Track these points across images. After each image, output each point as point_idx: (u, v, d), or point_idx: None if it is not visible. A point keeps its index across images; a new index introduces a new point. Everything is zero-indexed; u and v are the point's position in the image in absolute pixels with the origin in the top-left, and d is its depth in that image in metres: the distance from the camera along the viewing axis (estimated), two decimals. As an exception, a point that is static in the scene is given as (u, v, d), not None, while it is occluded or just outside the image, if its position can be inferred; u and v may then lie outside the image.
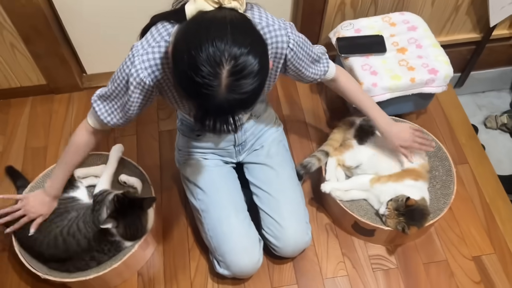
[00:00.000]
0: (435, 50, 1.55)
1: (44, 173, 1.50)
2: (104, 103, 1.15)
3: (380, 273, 1.43)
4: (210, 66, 0.81)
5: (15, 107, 1.84)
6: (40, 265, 1.33)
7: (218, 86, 0.83)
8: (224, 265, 1.32)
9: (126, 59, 1.06)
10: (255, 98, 0.90)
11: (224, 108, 0.86)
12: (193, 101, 0.89)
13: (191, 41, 0.84)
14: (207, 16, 0.89)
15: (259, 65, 0.85)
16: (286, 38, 1.09)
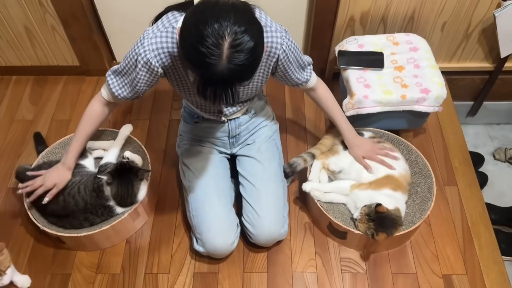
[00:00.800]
0: (432, 71, 1.61)
1: (61, 141, 1.69)
2: (116, 77, 1.31)
3: (348, 275, 1.49)
4: (214, 38, 0.95)
5: (50, 83, 2.07)
6: (42, 219, 1.50)
7: (220, 56, 0.96)
8: (201, 243, 1.44)
9: (137, 40, 1.21)
10: (250, 72, 1.03)
11: (224, 76, 0.98)
12: (197, 71, 1.01)
13: (198, 18, 0.98)
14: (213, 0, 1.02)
15: (254, 43, 0.98)
16: (281, 40, 1.22)
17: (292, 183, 1.71)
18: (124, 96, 1.33)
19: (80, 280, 1.49)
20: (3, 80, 2.08)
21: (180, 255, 1.54)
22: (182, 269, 1.51)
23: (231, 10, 0.98)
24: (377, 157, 1.51)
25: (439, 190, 1.67)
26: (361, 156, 1.51)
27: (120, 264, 1.52)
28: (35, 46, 1.94)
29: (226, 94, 1.03)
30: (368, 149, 1.52)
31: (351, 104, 1.58)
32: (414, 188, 1.57)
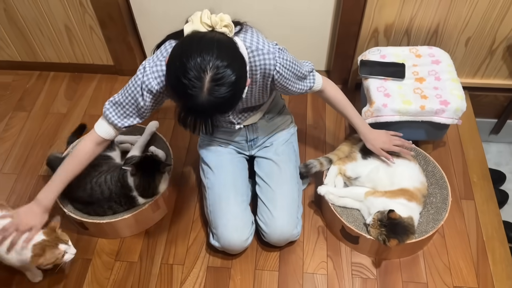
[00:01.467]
0: (452, 84, 1.63)
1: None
2: (117, 109, 1.32)
3: (358, 280, 1.51)
4: (196, 71, 1.01)
5: (85, 80, 2.18)
6: (68, 205, 1.59)
7: (201, 89, 1.01)
8: (216, 238, 1.49)
9: (138, 72, 1.26)
10: (230, 105, 1.09)
11: (204, 108, 1.04)
12: (179, 101, 1.07)
13: (183, 51, 1.04)
14: (199, 34, 1.10)
15: (236, 77, 1.03)
16: (273, 62, 1.25)
17: (308, 187, 1.74)
18: (129, 124, 1.34)
19: (99, 265, 1.56)
20: (41, 75, 2.21)
21: (195, 248, 1.60)
22: (197, 262, 1.56)
23: (215, 45, 1.04)
24: (395, 147, 1.52)
25: (455, 203, 1.67)
26: (379, 148, 1.51)
27: (138, 253, 1.59)
28: (73, 44, 2.06)
29: (206, 124, 1.10)
30: (385, 140, 1.52)
31: (370, 112, 1.62)
32: (430, 198, 1.58)
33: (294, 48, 2.02)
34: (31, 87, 2.16)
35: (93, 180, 1.55)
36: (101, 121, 1.36)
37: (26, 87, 2.17)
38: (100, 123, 1.36)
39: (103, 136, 1.36)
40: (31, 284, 1.52)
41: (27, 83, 2.18)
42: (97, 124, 1.36)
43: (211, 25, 1.11)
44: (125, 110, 1.31)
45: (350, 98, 1.53)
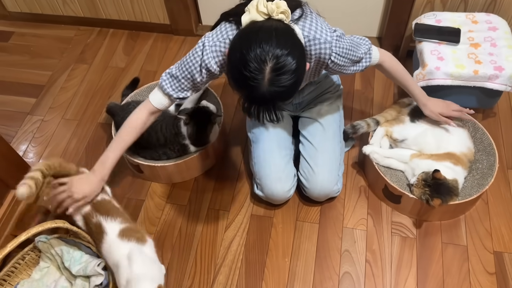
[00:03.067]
0: (509, 50, 1.60)
1: (148, 85, 1.89)
2: (173, 82, 1.32)
3: (397, 238, 1.55)
4: (257, 62, 1.01)
5: (142, 38, 2.28)
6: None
7: (262, 80, 1.01)
8: (260, 188, 1.57)
9: (196, 48, 1.26)
10: (292, 92, 1.08)
11: (266, 98, 1.05)
12: (241, 92, 1.08)
13: (243, 43, 1.05)
14: (257, 24, 1.09)
15: (296, 65, 1.03)
16: (329, 51, 1.25)
17: (352, 149, 1.78)
18: (183, 97, 1.35)
19: (152, 206, 1.68)
20: (101, 32, 2.33)
21: (240, 197, 1.68)
22: (241, 209, 1.65)
23: (273, 34, 1.03)
24: (454, 112, 1.51)
25: (501, 171, 1.67)
26: (438, 113, 1.51)
27: (187, 197, 1.69)
28: (133, 2, 2.15)
29: (269, 113, 1.11)
30: (443, 105, 1.52)
31: (422, 75, 1.62)
32: (476, 164, 1.58)
33: (346, 14, 2.03)
34: (92, 42, 2.29)
35: (150, 127, 1.65)
36: (156, 91, 1.36)
37: (87, 42, 2.29)
38: (155, 93, 1.36)
39: (157, 106, 1.36)
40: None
41: (88, 38, 2.31)
42: (152, 94, 1.36)
43: (267, 13, 1.10)
44: (180, 83, 1.32)
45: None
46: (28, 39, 2.33)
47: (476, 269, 1.47)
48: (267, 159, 1.55)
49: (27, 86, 2.11)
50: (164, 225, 1.62)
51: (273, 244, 1.56)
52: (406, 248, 1.52)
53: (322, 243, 1.55)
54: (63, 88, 2.10)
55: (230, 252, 1.55)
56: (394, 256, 1.51)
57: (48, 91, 2.09)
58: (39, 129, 1.95)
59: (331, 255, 1.52)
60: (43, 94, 2.07)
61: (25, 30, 2.36)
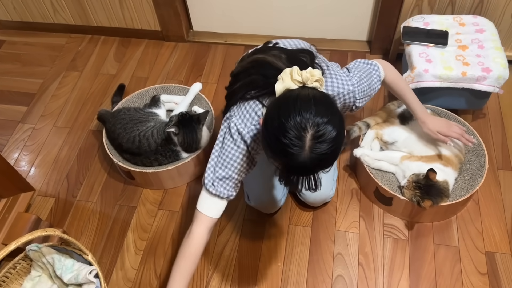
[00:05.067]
0: (496, 52, 1.61)
1: (139, 92, 1.89)
2: (226, 182, 1.21)
3: (390, 240, 1.55)
4: (297, 130, 0.96)
5: (133, 45, 2.29)
6: (117, 155, 1.70)
7: (302, 147, 0.96)
8: (251, 198, 1.58)
9: (233, 139, 1.18)
10: (333, 160, 1.04)
11: (307, 166, 0.99)
12: (279, 160, 1.03)
13: (281, 111, 1.00)
14: (293, 92, 1.05)
15: (336, 132, 0.98)
16: (353, 99, 1.27)
17: (344, 152, 1.79)
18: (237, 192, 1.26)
19: (144, 213, 1.67)
20: (93, 39, 2.34)
21: (233, 202, 1.65)
22: (234, 214, 1.65)
23: (312, 102, 1.00)
24: (454, 133, 1.46)
25: (491, 172, 1.68)
26: (436, 131, 1.46)
27: (180, 204, 1.69)
28: (124, 9, 2.16)
29: (308, 181, 1.09)
30: (443, 124, 1.47)
31: (410, 77, 1.64)
32: (466, 165, 1.59)
33: (336, 18, 2.05)
34: (83, 50, 2.29)
35: (141, 134, 1.65)
36: (208, 201, 1.22)
37: (78, 49, 2.29)
38: (207, 204, 1.22)
39: (216, 216, 1.24)
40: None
41: (79, 45, 2.31)
42: (204, 206, 1.22)
43: (302, 81, 1.07)
44: (234, 180, 1.22)
45: None
46: (19, 47, 2.32)
47: (468, 270, 1.47)
48: (256, 171, 1.55)
49: (18, 94, 2.11)
50: (156, 232, 1.62)
51: (266, 249, 1.56)
52: (399, 250, 1.53)
53: (314, 246, 1.55)
54: (54, 95, 2.10)
55: (223, 258, 1.55)
56: (387, 258, 1.51)
57: (39, 99, 2.08)
58: (31, 137, 1.94)
59: (324, 258, 1.53)
60: (34, 102, 2.07)
61: (16, 39, 2.36)
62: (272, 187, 1.54)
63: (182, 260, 1.22)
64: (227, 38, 2.24)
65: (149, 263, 1.55)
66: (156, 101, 1.81)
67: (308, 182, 1.10)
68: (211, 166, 1.22)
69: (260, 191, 1.53)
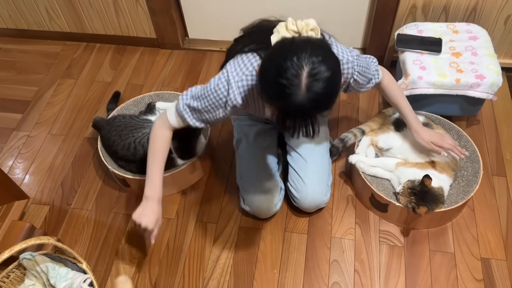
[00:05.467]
0: (489, 59, 1.63)
1: (134, 99, 1.88)
2: (193, 112, 1.30)
3: (386, 246, 1.55)
4: (294, 69, 0.98)
5: (129, 52, 2.29)
6: (112, 162, 1.70)
7: (299, 86, 0.98)
8: (246, 202, 1.57)
9: (220, 81, 1.23)
10: (329, 100, 1.05)
11: (305, 106, 1.00)
12: (277, 103, 1.04)
13: (277, 55, 1.03)
14: (289, 39, 1.08)
15: (331, 72, 1.00)
16: (351, 71, 1.30)
17: (339, 159, 1.79)
18: (202, 126, 1.34)
19: (139, 220, 1.66)
20: (88, 46, 2.34)
21: (228, 209, 1.68)
22: (229, 221, 1.64)
23: (308, 44, 1.02)
24: (447, 145, 1.47)
25: (486, 178, 1.68)
26: (429, 141, 1.47)
27: (175, 211, 1.68)
28: (119, 16, 2.16)
29: (306, 125, 1.10)
30: (437, 135, 1.49)
31: (405, 85, 1.65)
32: (461, 172, 1.60)
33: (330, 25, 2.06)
34: (78, 57, 2.29)
35: (136, 140, 1.65)
36: (174, 115, 1.33)
37: (74, 56, 2.29)
38: (173, 116, 1.33)
39: (176, 126, 1.35)
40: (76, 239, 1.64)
41: (75, 53, 2.31)
42: (171, 116, 1.33)
43: (297, 30, 1.09)
44: (201, 115, 1.30)
45: None
46: (14, 55, 2.32)
47: (464, 276, 1.47)
48: (252, 174, 1.56)
49: (13, 102, 2.10)
50: (151, 239, 1.61)
51: (262, 256, 1.55)
52: (394, 257, 1.52)
53: (310, 253, 1.55)
54: (49, 103, 2.09)
55: (218, 265, 1.54)
56: (383, 265, 1.51)
57: (34, 106, 2.08)
58: (25, 145, 1.93)
59: (319, 265, 1.52)
60: (29, 109, 2.06)
61: (11, 46, 2.36)
62: (268, 191, 1.54)
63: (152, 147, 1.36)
64: (223, 46, 2.24)
65: (144, 271, 1.54)
66: (151, 108, 1.81)
67: (306, 127, 1.09)
68: (190, 92, 1.30)
69: (256, 195, 1.53)
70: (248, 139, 1.62)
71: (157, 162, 1.36)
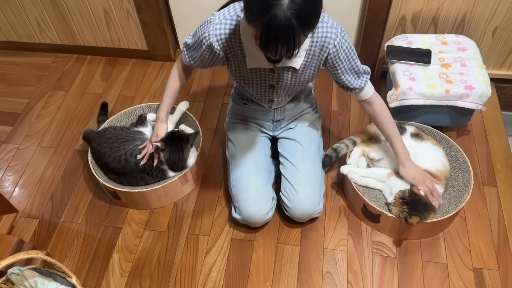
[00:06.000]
0: (478, 70, 1.65)
1: (125, 111, 1.88)
2: (188, 50, 1.45)
3: (378, 257, 1.55)
4: None
5: (120, 64, 2.29)
6: (102, 175, 1.68)
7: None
8: (238, 211, 1.56)
9: (204, 22, 1.33)
10: (311, 17, 1.07)
11: (287, 21, 1.02)
12: (260, 21, 1.05)
13: None
14: None
15: None
16: (334, 36, 1.29)
17: (331, 170, 1.79)
18: (197, 65, 1.46)
19: (129, 233, 1.65)
20: (79, 58, 2.33)
21: (220, 221, 1.66)
22: (221, 233, 1.63)
23: None
24: (426, 185, 1.47)
25: (477, 188, 1.69)
26: (413, 176, 1.48)
27: (166, 224, 1.67)
28: (111, 29, 2.17)
29: (288, 42, 1.07)
30: (421, 173, 1.50)
31: (395, 95, 1.66)
32: (452, 182, 1.60)
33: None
34: (69, 69, 2.28)
35: (127, 153, 1.64)
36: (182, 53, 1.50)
37: (65, 68, 2.29)
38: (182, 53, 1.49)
39: (186, 64, 1.51)
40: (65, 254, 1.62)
41: (66, 65, 2.30)
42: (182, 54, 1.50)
43: None
44: (193, 53, 1.43)
45: (376, 87, 1.48)
46: (4, 67, 2.31)
47: (456, 287, 1.47)
48: (245, 182, 1.55)
49: (3, 114, 2.09)
50: (142, 253, 1.59)
51: (254, 269, 1.54)
52: (387, 268, 1.52)
53: (303, 265, 1.54)
54: (39, 115, 2.08)
55: (210, 278, 1.52)
56: (376, 277, 1.50)
57: (24, 119, 2.06)
58: (15, 158, 1.91)
59: (312, 277, 1.51)
60: (19, 122, 2.05)
61: (1, 58, 2.35)
62: (260, 199, 1.53)
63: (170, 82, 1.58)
64: (214, 57, 2.25)
65: (134, 285, 1.52)
66: (142, 120, 1.80)
67: (287, 47, 1.08)
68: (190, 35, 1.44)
69: (247, 203, 1.52)
70: (241, 146, 1.62)
71: (169, 91, 1.59)
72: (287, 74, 1.39)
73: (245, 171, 1.57)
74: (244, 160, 1.59)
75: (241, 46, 1.32)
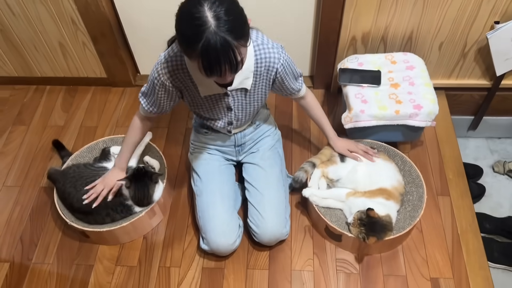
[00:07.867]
0: (425, 88, 1.73)
1: (88, 146, 1.89)
2: (144, 98, 1.53)
3: (342, 275, 1.63)
4: (195, 8, 1.08)
5: (80, 93, 2.28)
6: (70, 215, 1.70)
7: (206, 18, 1.07)
8: (206, 242, 1.61)
9: (154, 66, 1.41)
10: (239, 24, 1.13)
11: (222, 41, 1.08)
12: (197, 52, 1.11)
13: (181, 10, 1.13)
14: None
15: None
16: (278, 55, 1.40)
17: (295, 192, 1.85)
18: (155, 111, 1.54)
19: (101, 271, 1.67)
20: (38, 89, 2.31)
21: (190, 251, 1.71)
22: (192, 264, 1.68)
23: None
24: (360, 150, 1.71)
25: (432, 199, 1.79)
26: (346, 149, 1.71)
27: (137, 258, 1.70)
28: (68, 60, 2.15)
29: (230, 59, 1.13)
30: (352, 143, 1.73)
31: (349, 118, 1.73)
32: (407, 196, 1.69)
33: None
34: (29, 101, 2.26)
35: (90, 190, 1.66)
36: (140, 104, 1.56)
37: (24, 101, 2.26)
38: (140, 105, 1.56)
39: (144, 115, 1.59)
40: (39, 291, 1.64)
41: (25, 97, 2.28)
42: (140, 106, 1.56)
43: None
44: (150, 99, 1.51)
45: (333, 102, 1.66)
46: (-40, 103, 2.27)
47: (416, 298, 1.57)
48: (210, 213, 1.60)
49: (-37, 154, 2.06)
50: (115, 289, 1.63)
51: (225, 296, 1.60)
52: (351, 285, 1.60)
53: (272, 288, 1.61)
54: (2, 153, 2.06)
55: (183, 310, 1.57)
56: (341, 294, 1.59)
57: (-14, 157, 2.04)
58: (-21, 200, 1.90)
59: (281, 300, 1.58)
60: (-19, 161, 2.03)
61: (-43, 94, 2.31)
62: (226, 230, 1.58)
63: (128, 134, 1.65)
64: (175, 80, 2.27)
65: (110, 323, 1.55)
66: (106, 154, 1.82)
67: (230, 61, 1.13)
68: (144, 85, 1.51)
69: (214, 233, 1.57)
70: (205, 177, 1.66)
71: (127, 143, 1.66)
72: (241, 95, 1.48)
73: (210, 201, 1.61)
74: (209, 190, 1.63)
75: (191, 78, 1.40)
